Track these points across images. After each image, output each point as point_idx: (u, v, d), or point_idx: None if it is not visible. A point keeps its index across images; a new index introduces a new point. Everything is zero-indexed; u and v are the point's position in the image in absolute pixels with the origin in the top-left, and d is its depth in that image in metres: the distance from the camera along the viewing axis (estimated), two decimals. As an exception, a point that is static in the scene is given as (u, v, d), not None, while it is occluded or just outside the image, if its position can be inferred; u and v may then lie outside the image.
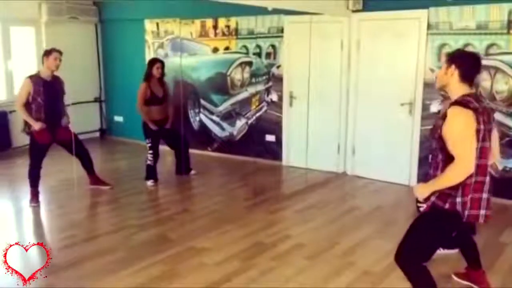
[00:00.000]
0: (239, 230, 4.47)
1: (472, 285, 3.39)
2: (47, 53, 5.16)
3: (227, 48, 7.22)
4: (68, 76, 8.03)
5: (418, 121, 5.72)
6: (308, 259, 3.87)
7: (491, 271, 3.64)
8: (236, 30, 7.09)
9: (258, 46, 6.93)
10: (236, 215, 4.89)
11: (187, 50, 7.55)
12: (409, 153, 5.82)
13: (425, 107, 5.67)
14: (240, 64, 7.12)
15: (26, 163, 5.25)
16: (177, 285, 3.45)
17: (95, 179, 5.72)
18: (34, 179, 5.20)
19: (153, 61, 6.00)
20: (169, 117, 6.05)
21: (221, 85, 7.31)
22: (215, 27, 7.29)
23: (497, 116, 5.17)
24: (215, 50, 7.32)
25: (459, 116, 2.54)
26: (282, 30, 6.67)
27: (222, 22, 7.21)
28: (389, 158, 6.00)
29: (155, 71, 5.86)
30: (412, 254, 2.77)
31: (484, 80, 5.22)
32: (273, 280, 3.52)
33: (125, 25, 8.36)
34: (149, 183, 5.92)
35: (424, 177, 5.75)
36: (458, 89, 2.67)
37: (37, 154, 5.17)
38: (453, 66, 2.66)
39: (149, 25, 8.02)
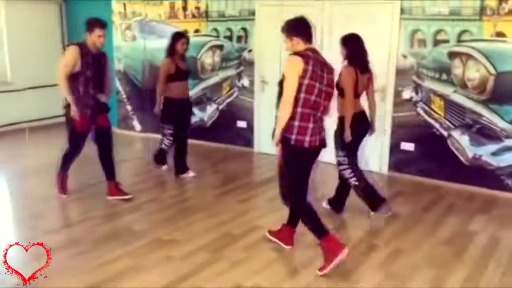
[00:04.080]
0: (208, 220, 4.36)
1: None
2: (90, 28, 4.58)
3: (197, 31, 7.01)
4: (30, 59, 7.78)
5: (390, 108, 5.68)
6: (278, 250, 3.80)
7: (460, 260, 3.64)
8: (206, 12, 6.88)
9: (229, 29, 6.75)
10: (205, 205, 4.78)
11: (156, 32, 7.31)
12: (381, 140, 5.79)
13: (397, 94, 5.63)
14: (211, 47, 6.94)
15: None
16: (143, 279, 3.32)
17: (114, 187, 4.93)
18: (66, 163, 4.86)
19: (179, 36, 5.45)
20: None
21: (191, 69, 7.09)
22: (184, 8, 7.06)
23: (469, 103, 5.18)
24: (185, 32, 7.08)
25: (289, 62, 3.23)
26: (253, 13, 6.50)
27: (191, 3, 6.99)
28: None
29: (180, 47, 5.39)
30: (293, 192, 3.44)
31: (456, 67, 5.21)
32: (243, 272, 3.43)
33: (91, 5, 8.00)
34: (165, 167, 5.87)
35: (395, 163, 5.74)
36: (302, 48, 3.30)
37: (76, 140, 4.77)
38: (294, 37, 3.30)
39: (116, 6, 7.72)
